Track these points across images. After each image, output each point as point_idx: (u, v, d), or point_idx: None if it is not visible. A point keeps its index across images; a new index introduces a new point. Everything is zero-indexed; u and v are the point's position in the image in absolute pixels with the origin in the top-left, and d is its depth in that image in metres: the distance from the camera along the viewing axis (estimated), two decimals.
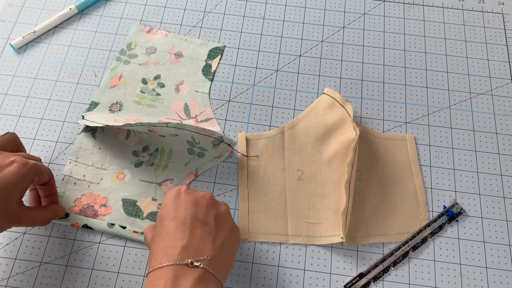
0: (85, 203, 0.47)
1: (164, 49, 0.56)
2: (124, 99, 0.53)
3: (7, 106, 0.52)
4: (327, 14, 0.60)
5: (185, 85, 0.54)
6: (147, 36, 0.57)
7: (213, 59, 0.56)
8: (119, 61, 0.55)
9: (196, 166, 0.49)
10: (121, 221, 0.46)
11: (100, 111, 0.52)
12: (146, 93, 0.53)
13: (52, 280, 0.44)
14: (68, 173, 0.48)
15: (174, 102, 0.53)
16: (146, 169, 0.49)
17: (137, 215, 0.46)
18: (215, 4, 0.61)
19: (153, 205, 0.47)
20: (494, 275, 0.45)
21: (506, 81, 0.56)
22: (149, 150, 0.49)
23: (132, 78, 0.54)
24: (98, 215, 0.46)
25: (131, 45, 0.56)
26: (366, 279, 0.44)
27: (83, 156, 0.49)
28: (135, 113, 0.52)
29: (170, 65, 0.55)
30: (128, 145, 0.50)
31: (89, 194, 0.47)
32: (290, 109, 0.53)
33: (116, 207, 0.46)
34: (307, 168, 0.49)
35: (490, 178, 0.50)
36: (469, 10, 0.61)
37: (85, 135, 0.50)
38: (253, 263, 0.45)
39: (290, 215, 0.47)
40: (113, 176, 0.48)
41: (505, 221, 0.47)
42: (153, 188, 0.48)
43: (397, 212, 0.48)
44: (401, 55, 0.57)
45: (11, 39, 0.57)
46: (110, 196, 0.47)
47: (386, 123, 0.53)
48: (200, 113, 0.52)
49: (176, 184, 0.48)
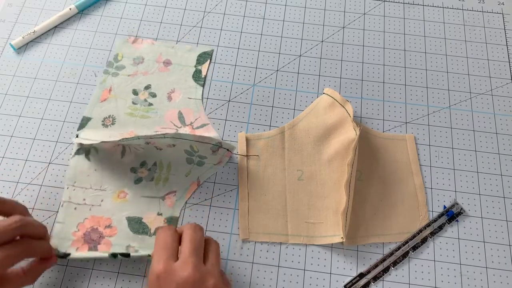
0: (89, 226, 0.45)
1: (152, 58, 0.56)
2: (116, 112, 0.52)
3: (7, 106, 0.52)
4: (327, 14, 0.60)
5: (177, 92, 0.53)
6: (133, 46, 0.56)
7: (203, 64, 0.55)
8: (107, 73, 0.54)
9: (197, 175, 0.48)
10: (129, 240, 0.44)
11: (93, 127, 0.51)
12: (138, 104, 0.52)
13: (52, 280, 0.44)
14: (67, 199, 0.46)
15: (167, 111, 0.52)
16: (146, 184, 0.48)
17: (145, 232, 0.45)
18: (215, 4, 0.61)
19: (159, 220, 0.46)
20: (494, 275, 0.45)
21: (506, 81, 0.56)
22: (147, 165, 0.48)
23: (122, 90, 0.53)
24: (104, 236, 0.45)
25: (117, 56, 0.56)
26: (366, 279, 0.44)
27: (80, 180, 0.48)
28: (129, 125, 0.51)
29: (160, 73, 0.55)
30: (125, 163, 0.48)
31: (91, 217, 0.46)
32: (290, 109, 0.53)
33: (121, 227, 0.45)
34: (307, 168, 0.49)
35: (490, 178, 0.50)
36: (469, 10, 0.61)
37: (78, 158, 0.49)
38: (253, 263, 0.45)
39: (290, 215, 0.47)
40: (113, 196, 0.47)
41: (505, 221, 0.48)
42: (157, 203, 0.47)
43: (397, 212, 0.48)
44: (401, 55, 0.57)
45: (11, 39, 0.57)
46: (113, 217, 0.46)
47: (386, 123, 0.53)
48: (195, 120, 0.52)
49: (179, 196, 0.47)
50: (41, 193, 0.47)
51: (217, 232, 0.46)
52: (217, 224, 0.47)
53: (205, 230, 0.46)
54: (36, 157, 0.49)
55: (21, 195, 0.47)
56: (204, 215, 0.47)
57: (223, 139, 0.51)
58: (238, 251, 0.45)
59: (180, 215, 0.47)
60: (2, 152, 0.50)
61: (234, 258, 0.45)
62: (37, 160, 0.49)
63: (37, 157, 0.49)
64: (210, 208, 0.47)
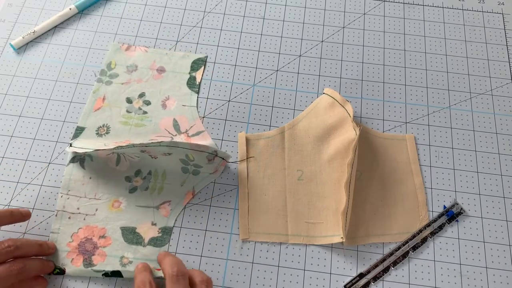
0: (83, 236, 0.45)
1: (145, 65, 0.55)
2: (111, 121, 0.51)
3: (7, 106, 0.52)
4: (327, 14, 0.60)
5: (172, 100, 0.53)
6: (126, 54, 0.56)
7: (197, 71, 0.55)
8: (101, 82, 0.54)
9: (193, 184, 0.48)
10: (123, 251, 0.44)
11: (87, 136, 0.50)
12: (132, 113, 0.52)
13: (52, 280, 0.44)
14: (61, 208, 0.46)
15: (162, 119, 0.51)
16: (141, 193, 0.47)
17: (138, 242, 0.45)
18: (215, 4, 0.61)
19: (153, 230, 0.46)
20: (494, 275, 0.45)
21: (506, 81, 0.56)
22: (142, 174, 0.48)
23: (116, 99, 0.53)
24: (98, 247, 0.44)
25: (110, 64, 0.55)
26: (366, 279, 0.44)
27: (75, 188, 0.47)
28: (124, 134, 0.50)
29: (154, 81, 0.54)
30: (120, 171, 0.48)
31: (85, 227, 0.45)
32: (290, 109, 0.53)
33: (115, 237, 0.45)
34: (307, 168, 0.49)
35: (490, 178, 0.50)
36: (469, 10, 0.61)
37: (73, 166, 0.48)
38: (253, 263, 0.45)
39: (290, 215, 0.47)
40: (108, 205, 0.47)
41: (505, 221, 0.48)
42: (151, 213, 0.46)
43: (397, 212, 0.48)
44: (401, 55, 0.57)
45: (11, 39, 0.57)
46: (108, 227, 0.45)
47: (386, 123, 0.53)
48: (190, 127, 0.51)
49: (174, 205, 0.47)
50: (41, 193, 0.47)
51: (217, 232, 0.46)
52: (217, 224, 0.47)
53: (205, 230, 0.46)
54: (36, 157, 0.49)
55: (21, 195, 0.47)
56: (204, 215, 0.47)
57: (223, 139, 0.51)
58: (238, 251, 0.45)
59: (180, 215, 0.47)
60: (2, 152, 0.50)
61: (234, 258, 0.45)
62: (37, 160, 0.49)
63: (37, 157, 0.49)
64: (210, 208, 0.47)
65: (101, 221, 0.46)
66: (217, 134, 0.51)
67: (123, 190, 0.47)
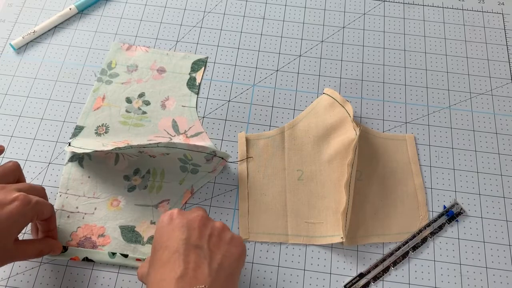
0: (82, 235, 0.45)
1: (146, 65, 0.55)
2: (110, 121, 0.51)
3: (7, 106, 0.52)
4: (327, 14, 0.60)
5: (171, 100, 0.53)
6: (126, 53, 0.56)
7: (197, 72, 0.55)
8: (101, 81, 0.54)
9: (191, 183, 0.48)
10: (122, 249, 0.44)
11: (86, 135, 0.50)
12: (131, 113, 0.52)
13: (52, 280, 0.44)
14: (60, 207, 0.46)
15: (161, 119, 0.51)
16: (140, 192, 0.47)
17: (138, 241, 0.45)
18: (215, 4, 0.61)
19: (152, 228, 0.46)
20: (494, 275, 0.45)
21: (506, 81, 0.56)
22: (141, 172, 0.48)
23: (116, 98, 0.53)
24: (97, 246, 0.44)
25: (111, 64, 0.55)
26: (366, 279, 0.44)
27: (73, 187, 0.47)
28: (123, 134, 0.50)
29: (154, 81, 0.54)
30: (118, 170, 0.48)
31: (84, 225, 0.45)
32: (290, 109, 0.53)
33: (114, 235, 0.45)
34: (307, 168, 0.49)
35: (490, 178, 0.50)
36: (469, 10, 0.61)
37: (72, 165, 0.48)
38: (253, 263, 0.45)
39: (290, 215, 0.47)
40: (107, 204, 0.47)
41: (505, 221, 0.47)
42: (150, 211, 0.46)
43: (397, 212, 0.48)
44: (401, 55, 0.57)
45: (11, 39, 0.57)
46: (107, 225, 0.45)
47: (386, 123, 0.53)
48: (189, 128, 0.51)
49: (173, 204, 0.47)
50: None
51: None
52: None
53: None
54: (36, 157, 0.49)
55: None
56: None
57: (223, 139, 0.51)
58: None
59: None
60: None
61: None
62: (37, 160, 0.49)
63: (37, 157, 0.49)
64: (210, 208, 0.47)
65: (100, 220, 0.46)
66: (217, 134, 0.51)
67: (122, 189, 0.47)
